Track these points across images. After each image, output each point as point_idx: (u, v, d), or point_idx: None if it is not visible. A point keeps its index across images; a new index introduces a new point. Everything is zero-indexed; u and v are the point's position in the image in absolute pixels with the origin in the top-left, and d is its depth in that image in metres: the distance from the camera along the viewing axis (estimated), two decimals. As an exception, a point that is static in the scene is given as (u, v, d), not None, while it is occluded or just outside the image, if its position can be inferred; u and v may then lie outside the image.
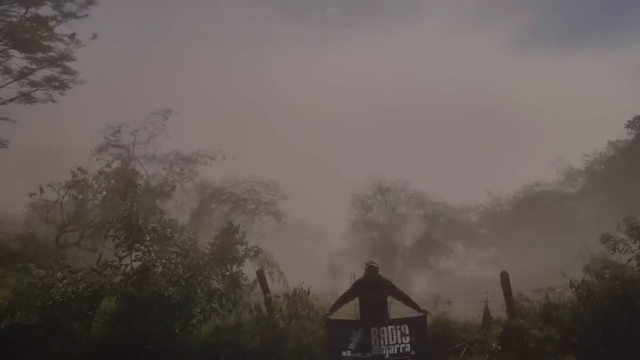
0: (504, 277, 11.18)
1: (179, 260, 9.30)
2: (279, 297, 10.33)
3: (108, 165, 22.72)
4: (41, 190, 19.02)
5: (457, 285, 46.10)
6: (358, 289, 8.65)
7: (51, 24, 20.77)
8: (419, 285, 44.96)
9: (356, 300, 8.76)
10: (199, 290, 8.79)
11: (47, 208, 19.54)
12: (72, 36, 21.53)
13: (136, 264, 9.30)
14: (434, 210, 36.75)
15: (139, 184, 13.55)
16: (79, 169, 19.38)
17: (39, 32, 20.22)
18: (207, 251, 9.92)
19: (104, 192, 19.93)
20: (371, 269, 8.48)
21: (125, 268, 9.27)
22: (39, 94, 22.05)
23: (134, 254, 9.34)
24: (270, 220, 31.02)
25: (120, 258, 9.36)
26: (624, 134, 45.31)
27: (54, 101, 22.34)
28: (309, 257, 70.32)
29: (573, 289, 10.63)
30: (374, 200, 36.22)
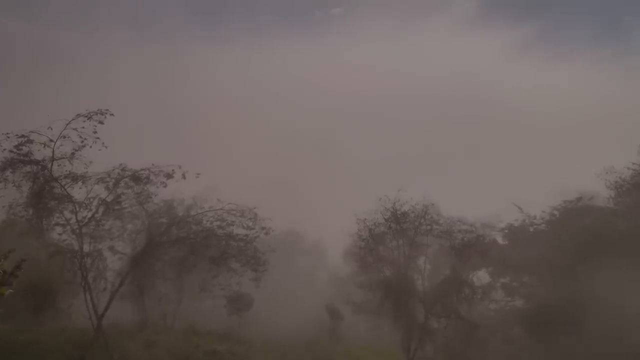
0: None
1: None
2: None
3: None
4: None
5: (480, 322, 37.69)
6: None
7: None
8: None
9: None
10: None
11: None
12: None
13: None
14: (464, 239, 27.95)
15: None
16: None
17: None
18: None
19: None
20: None
21: None
22: None
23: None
24: (244, 267, 22.14)
25: None
26: None
27: None
28: (305, 279, 61.47)
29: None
30: (385, 229, 27.39)
